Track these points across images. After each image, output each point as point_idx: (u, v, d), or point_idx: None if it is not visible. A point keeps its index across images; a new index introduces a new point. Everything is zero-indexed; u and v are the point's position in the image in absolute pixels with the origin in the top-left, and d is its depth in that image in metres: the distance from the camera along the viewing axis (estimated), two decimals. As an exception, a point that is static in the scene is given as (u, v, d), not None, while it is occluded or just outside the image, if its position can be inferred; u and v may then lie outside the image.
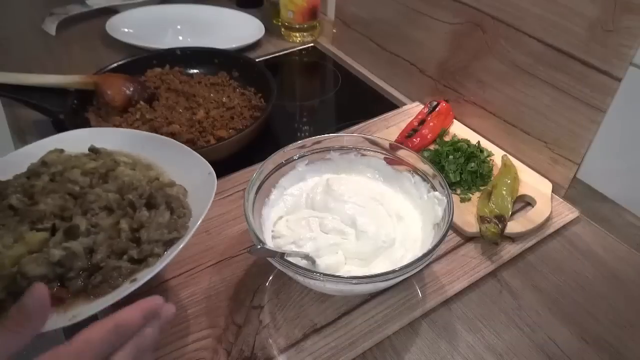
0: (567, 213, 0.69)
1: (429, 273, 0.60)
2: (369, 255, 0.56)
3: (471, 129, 0.83)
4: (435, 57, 0.87)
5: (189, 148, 0.60)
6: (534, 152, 0.74)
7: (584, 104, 0.65)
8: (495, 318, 0.57)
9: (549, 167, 0.73)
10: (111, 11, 1.22)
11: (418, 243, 0.58)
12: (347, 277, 0.48)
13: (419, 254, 0.51)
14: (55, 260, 0.45)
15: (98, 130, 0.69)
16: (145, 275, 0.46)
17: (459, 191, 0.71)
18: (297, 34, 1.16)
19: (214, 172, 0.56)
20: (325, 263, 0.53)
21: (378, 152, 0.65)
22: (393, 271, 0.48)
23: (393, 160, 0.64)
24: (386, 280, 0.49)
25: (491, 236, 0.61)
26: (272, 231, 0.58)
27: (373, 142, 0.65)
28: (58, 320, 0.44)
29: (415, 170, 0.62)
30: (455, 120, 0.85)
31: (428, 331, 0.55)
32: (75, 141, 0.61)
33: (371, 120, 0.87)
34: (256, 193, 0.57)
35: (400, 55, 0.96)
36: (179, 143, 0.62)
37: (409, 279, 0.59)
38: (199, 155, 0.59)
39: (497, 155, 0.77)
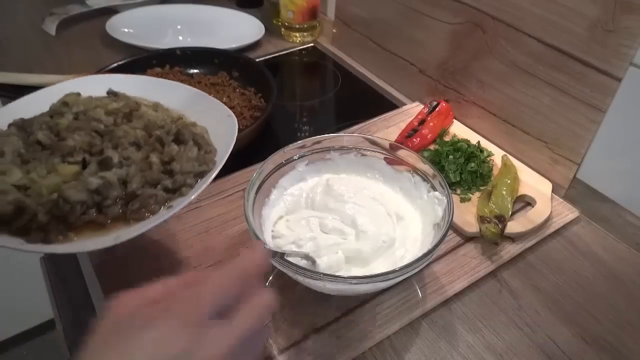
0: (567, 213, 0.69)
1: (429, 273, 0.60)
2: (369, 255, 0.56)
3: (471, 129, 0.83)
4: (435, 57, 0.87)
5: (204, 93, 0.62)
6: (534, 152, 0.74)
7: (584, 104, 0.65)
8: (495, 318, 0.57)
9: (549, 167, 0.73)
10: (111, 11, 1.22)
11: (418, 243, 0.58)
12: (347, 277, 0.48)
13: (419, 254, 0.51)
14: (93, 188, 0.47)
15: (110, 76, 0.68)
16: (180, 203, 0.48)
17: (459, 191, 0.71)
18: (297, 34, 1.16)
19: (233, 114, 0.58)
20: (325, 263, 0.53)
21: (378, 152, 0.65)
22: (393, 271, 0.48)
23: (393, 160, 0.64)
24: (386, 280, 0.49)
25: (491, 236, 0.61)
26: (272, 231, 0.58)
27: (373, 142, 0.65)
28: (104, 240, 0.46)
29: (415, 170, 0.62)
30: (455, 120, 0.85)
31: (428, 331, 0.55)
32: (87, 88, 0.61)
33: (371, 120, 0.87)
34: (256, 193, 0.57)
35: (400, 55, 0.96)
36: (194, 89, 0.63)
37: (408, 279, 0.59)
38: (215, 99, 0.61)
39: (497, 155, 0.77)
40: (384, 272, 0.48)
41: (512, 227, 0.64)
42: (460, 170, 0.72)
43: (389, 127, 0.85)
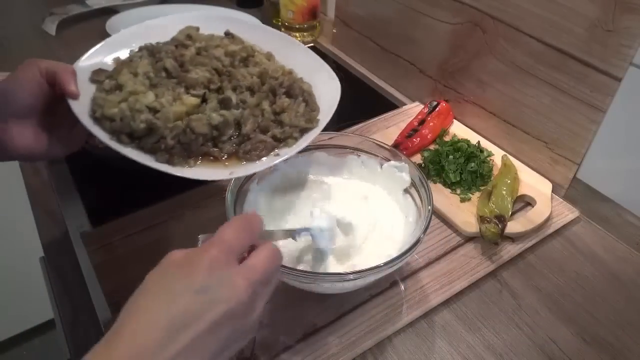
0: (567, 213, 0.69)
1: (429, 273, 0.60)
2: (361, 242, 0.57)
3: (471, 129, 0.83)
4: (435, 57, 0.87)
5: (312, 51, 0.64)
6: (534, 152, 0.74)
7: (584, 104, 0.65)
8: (495, 318, 0.57)
9: (549, 167, 0.73)
10: (111, 11, 1.22)
11: (397, 212, 0.60)
12: (359, 271, 0.48)
13: (404, 222, 0.55)
14: (214, 124, 0.51)
15: (227, 17, 0.68)
16: (286, 153, 0.53)
17: (459, 191, 0.71)
18: (297, 34, 1.16)
19: (337, 78, 0.60)
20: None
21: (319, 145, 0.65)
22: (398, 256, 0.48)
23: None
24: (392, 266, 0.49)
25: (491, 236, 0.61)
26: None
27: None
28: (220, 173, 0.51)
29: (359, 150, 0.64)
30: (455, 120, 0.85)
31: (428, 331, 0.55)
32: (202, 24, 0.62)
33: (371, 120, 0.87)
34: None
35: (400, 55, 0.96)
36: (304, 47, 0.64)
37: (408, 279, 0.59)
38: (322, 61, 0.63)
39: (497, 155, 0.77)
40: (396, 257, 0.48)
41: (512, 227, 0.64)
42: (460, 170, 0.72)
43: (389, 127, 0.85)
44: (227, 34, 0.62)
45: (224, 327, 0.34)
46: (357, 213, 0.59)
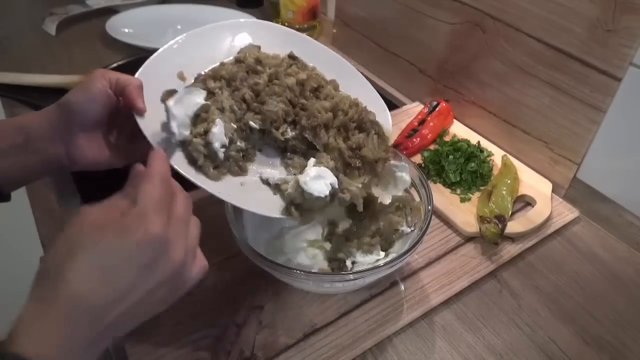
0: (567, 213, 0.69)
1: (429, 273, 0.60)
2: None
3: (471, 129, 0.83)
4: (435, 57, 0.87)
5: (364, 79, 0.64)
6: (534, 152, 0.74)
7: (584, 104, 0.65)
8: (495, 318, 0.57)
9: (549, 167, 0.73)
10: (111, 11, 1.22)
11: None
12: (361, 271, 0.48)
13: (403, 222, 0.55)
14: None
15: (279, 29, 0.66)
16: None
17: (459, 191, 0.71)
18: (297, 34, 1.16)
19: (387, 110, 0.61)
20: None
21: None
22: (400, 255, 0.48)
23: None
24: (392, 266, 0.49)
25: (491, 236, 0.61)
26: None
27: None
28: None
29: None
30: (455, 120, 0.85)
31: (428, 331, 0.55)
32: (257, 36, 0.61)
33: (371, 120, 0.87)
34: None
35: (400, 55, 0.96)
36: (355, 70, 0.64)
37: (408, 279, 0.59)
38: (375, 92, 0.62)
39: (497, 155, 0.77)
40: (393, 259, 0.48)
41: (512, 227, 0.64)
42: (460, 170, 0.72)
43: (389, 127, 0.85)
44: (291, 57, 0.61)
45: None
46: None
